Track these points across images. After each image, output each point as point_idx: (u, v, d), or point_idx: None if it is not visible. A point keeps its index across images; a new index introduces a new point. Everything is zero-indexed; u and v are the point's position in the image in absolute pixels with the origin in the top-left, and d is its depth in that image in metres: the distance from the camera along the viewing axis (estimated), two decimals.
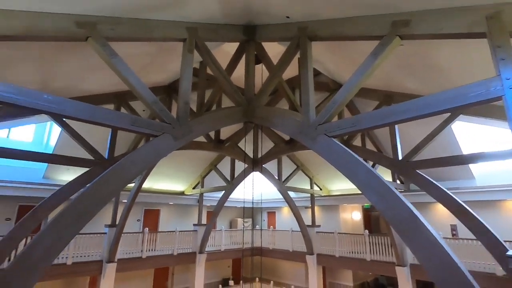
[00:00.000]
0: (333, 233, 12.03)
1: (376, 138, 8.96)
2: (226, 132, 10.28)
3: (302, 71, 4.59)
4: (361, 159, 3.57)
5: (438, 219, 11.04)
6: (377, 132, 8.99)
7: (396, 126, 7.04)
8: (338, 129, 3.93)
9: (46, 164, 10.35)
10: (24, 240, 6.63)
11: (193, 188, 14.40)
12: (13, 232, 6.15)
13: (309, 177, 13.67)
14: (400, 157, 6.66)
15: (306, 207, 15.79)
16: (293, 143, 10.03)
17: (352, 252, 11.34)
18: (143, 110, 8.89)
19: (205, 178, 13.81)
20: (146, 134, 4.13)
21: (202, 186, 13.65)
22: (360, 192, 11.53)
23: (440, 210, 11.15)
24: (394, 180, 9.81)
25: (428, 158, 6.21)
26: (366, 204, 14.86)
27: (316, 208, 13.82)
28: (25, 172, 10.42)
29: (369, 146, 8.86)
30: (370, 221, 15.67)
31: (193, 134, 4.57)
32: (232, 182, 12.13)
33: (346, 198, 13.57)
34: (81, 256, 9.55)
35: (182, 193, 14.65)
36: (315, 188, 13.95)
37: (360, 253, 11.04)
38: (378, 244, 10.68)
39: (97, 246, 9.94)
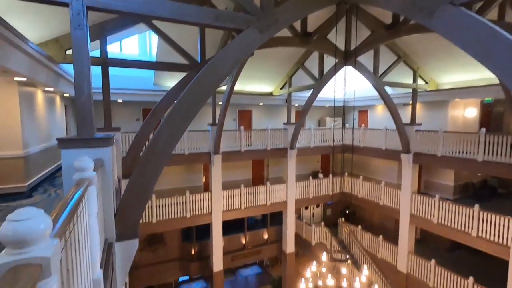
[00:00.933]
0: (437, 131, 10.77)
1: None
2: (313, 22, 9.15)
3: None
4: (507, 34, 2.63)
5: None
6: None
7: None
8: None
9: (153, 72, 11.78)
10: (151, 134, 8.25)
11: (281, 89, 14.45)
12: (142, 129, 7.67)
13: (412, 69, 11.68)
14: None
15: (405, 104, 14.23)
16: (396, 27, 8.29)
17: (459, 152, 10.17)
18: (225, 8, 8.50)
19: (292, 78, 13.48)
20: (231, 29, 3.96)
21: (290, 86, 13.49)
22: (482, 84, 9.41)
23: None
24: None
25: None
26: (487, 99, 12.28)
27: (418, 105, 12.25)
28: (139, 80, 12.23)
29: (509, 18, 6.55)
30: (490, 118, 13.18)
31: (279, 25, 4.16)
32: (321, 80, 11.50)
33: (461, 92, 11.38)
34: (194, 149, 11.56)
35: (270, 94, 14.98)
36: (420, 82, 12.01)
37: (470, 153, 9.80)
38: (497, 144, 9.13)
39: (205, 141, 11.74)
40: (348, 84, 12.75)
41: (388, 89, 12.57)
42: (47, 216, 1.08)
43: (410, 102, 11.97)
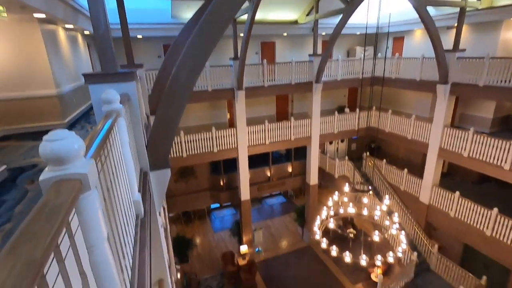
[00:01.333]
0: (483, 58, 9.62)
1: None
2: None
3: None
4: None
5: None
6: None
7: None
8: None
9: (170, 4, 11.06)
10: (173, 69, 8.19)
11: (307, 15, 13.18)
12: (164, 64, 7.60)
13: None
14: None
15: (449, 28, 12.62)
16: None
17: (505, 81, 9.19)
18: None
19: (320, 2, 12.11)
20: None
21: (317, 12, 12.22)
22: None
23: None
24: None
25: None
26: None
27: (464, 27, 10.74)
28: (156, 13, 11.63)
29: None
30: None
31: None
32: (352, 3, 10.24)
33: None
34: (217, 85, 11.44)
35: (295, 22, 13.80)
36: None
37: None
38: None
39: (227, 77, 11.50)
40: (383, 7, 11.30)
41: (431, 10, 11.04)
42: (79, 138, 1.15)
43: (455, 25, 10.53)
